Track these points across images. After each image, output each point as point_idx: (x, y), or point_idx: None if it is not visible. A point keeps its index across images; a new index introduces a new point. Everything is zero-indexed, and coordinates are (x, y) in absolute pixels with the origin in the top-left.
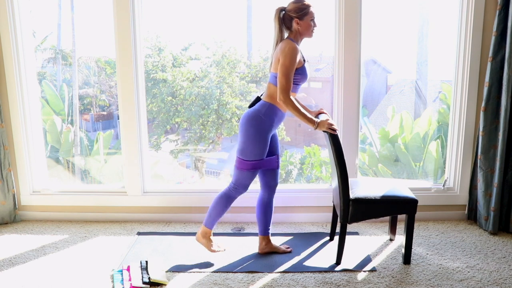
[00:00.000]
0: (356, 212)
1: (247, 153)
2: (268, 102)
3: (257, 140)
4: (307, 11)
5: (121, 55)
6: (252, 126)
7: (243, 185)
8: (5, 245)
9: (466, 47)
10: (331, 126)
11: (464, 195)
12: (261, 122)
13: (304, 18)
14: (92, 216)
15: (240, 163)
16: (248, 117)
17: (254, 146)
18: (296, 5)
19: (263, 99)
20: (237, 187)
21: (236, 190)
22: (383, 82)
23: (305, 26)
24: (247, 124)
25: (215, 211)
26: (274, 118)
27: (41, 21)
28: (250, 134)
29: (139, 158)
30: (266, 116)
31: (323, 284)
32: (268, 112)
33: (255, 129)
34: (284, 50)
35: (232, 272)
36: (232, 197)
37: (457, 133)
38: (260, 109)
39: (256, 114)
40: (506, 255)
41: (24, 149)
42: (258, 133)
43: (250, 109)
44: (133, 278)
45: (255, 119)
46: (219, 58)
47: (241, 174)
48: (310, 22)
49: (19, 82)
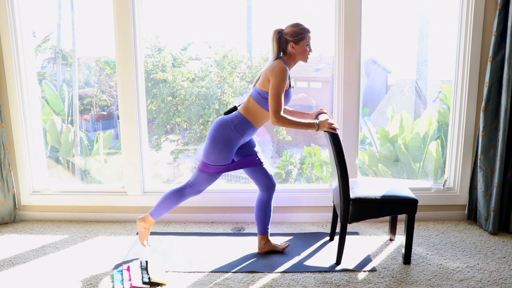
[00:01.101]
0: (356, 212)
1: (210, 158)
2: (242, 115)
3: (222, 148)
4: (304, 36)
5: (121, 55)
6: (221, 133)
7: (198, 188)
8: (5, 245)
9: (466, 47)
10: (331, 125)
11: (464, 195)
12: (230, 133)
13: (300, 43)
14: (92, 216)
15: (203, 165)
16: (219, 124)
17: (218, 152)
18: (294, 29)
19: (239, 110)
20: (191, 187)
21: (190, 190)
22: (383, 82)
23: (300, 51)
24: (217, 130)
25: (164, 204)
26: (245, 132)
27: (41, 21)
28: (217, 141)
29: (139, 158)
30: (237, 128)
31: (323, 284)
32: (240, 125)
33: (223, 137)
34: (274, 70)
35: (232, 272)
36: (185, 195)
37: (457, 133)
38: (233, 119)
39: (228, 123)
40: (506, 255)
41: (24, 149)
42: (224, 142)
43: (224, 117)
44: (133, 278)
45: (225, 128)
46: (220, 58)
47: (199, 176)
48: (306, 47)
49: (19, 82)
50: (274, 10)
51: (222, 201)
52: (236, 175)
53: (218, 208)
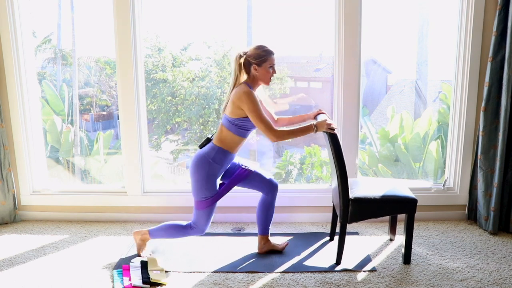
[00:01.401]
0: (355, 212)
1: (200, 195)
2: (218, 146)
3: (207, 183)
4: (266, 58)
5: (121, 55)
6: (202, 170)
7: (201, 228)
8: (5, 245)
9: (466, 47)
10: (330, 126)
11: (464, 195)
12: (210, 167)
13: (263, 65)
14: (92, 216)
15: (196, 204)
16: (198, 161)
17: (204, 188)
18: (256, 51)
19: (213, 142)
20: (195, 228)
21: (194, 231)
22: (383, 82)
23: (262, 73)
24: (197, 167)
25: (166, 231)
26: (224, 161)
27: (41, 21)
28: (200, 178)
29: (139, 158)
30: (215, 160)
31: (323, 284)
32: (217, 156)
33: (205, 173)
34: (241, 97)
35: (232, 272)
36: (188, 234)
37: (457, 133)
38: (210, 152)
39: (205, 158)
40: (506, 255)
41: (24, 149)
42: (207, 177)
43: (200, 152)
44: (133, 278)
45: (205, 164)
46: (220, 58)
47: (198, 214)
48: (269, 69)
49: (19, 82)
50: (274, 10)
51: (222, 201)
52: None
53: (218, 208)
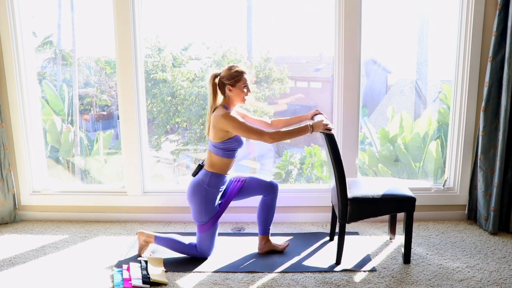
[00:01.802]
0: (354, 212)
1: (201, 218)
2: (210, 171)
3: (206, 207)
4: (239, 78)
5: (121, 55)
6: (199, 196)
7: (205, 252)
8: (5, 245)
9: (466, 47)
10: (326, 126)
11: (464, 195)
12: (206, 192)
13: (237, 85)
14: (92, 216)
15: (199, 227)
16: (193, 189)
17: (204, 212)
18: (229, 72)
19: (205, 168)
20: (199, 251)
21: (198, 253)
22: (383, 82)
23: (237, 93)
24: (194, 194)
25: (170, 243)
26: (219, 184)
27: (41, 21)
28: (198, 203)
29: (139, 158)
30: (210, 185)
31: (323, 284)
32: (212, 181)
33: (202, 199)
34: (220, 121)
35: (232, 272)
36: (192, 253)
37: (457, 133)
38: (204, 179)
39: (200, 185)
40: (506, 255)
41: (24, 149)
42: (205, 202)
43: (194, 179)
44: (133, 278)
45: (200, 190)
46: (219, 58)
47: (201, 237)
48: (243, 89)
49: (19, 82)
50: (274, 10)
51: None
52: None
53: None
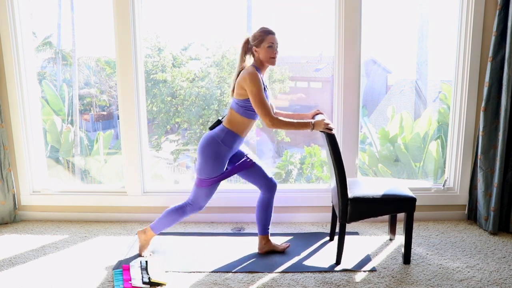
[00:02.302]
0: (354, 212)
1: (204, 173)
2: (227, 128)
3: (214, 162)
4: (263, 38)
5: (121, 55)
6: (210, 150)
7: (200, 205)
8: (5, 245)
9: (466, 47)
10: (327, 125)
11: (464, 195)
12: (218, 147)
13: (261, 45)
14: (92, 216)
15: (199, 181)
16: (206, 141)
17: (210, 167)
18: (255, 33)
19: (223, 124)
20: (193, 205)
21: (191, 208)
22: (383, 82)
23: (262, 53)
24: (205, 147)
25: (165, 220)
26: (233, 144)
27: (41, 21)
28: (207, 157)
29: (139, 158)
30: (224, 142)
31: (323, 284)
32: (226, 138)
33: (213, 153)
34: (245, 78)
35: (232, 272)
36: (186, 213)
37: (457, 133)
38: (219, 134)
39: (214, 139)
40: (506, 255)
41: (24, 149)
42: (215, 157)
43: (210, 133)
44: (133, 278)
45: (213, 144)
46: (219, 58)
47: (199, 192)
48: (268, 49)
49: (19, 82)
50: (274, 10)
51: (222, 201)
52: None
53: (218, 208)
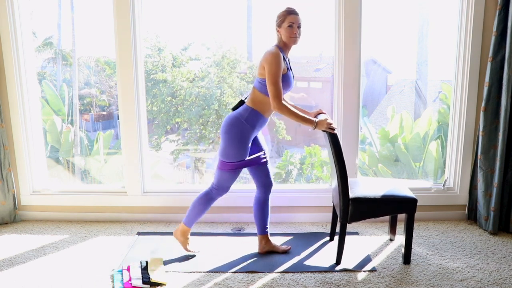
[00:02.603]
0: (355, 212)
1: (228, 155)
2: (251, 107)
3: (238, 143)
4: (284, 18)
5: (121, 55)
6: (233, 130)
7: (225, 187)
8: (5, 245)
9: (466, 47)
10: (330, 125)
11: (464, 195)
12: (242, 127)
13: (282, 25)
14: (92, 216)
15: (222, 164)
16: (230, 121)
17: (235, 149)
18: (278, 14)
19: (246, 103)
20: (218, 188)
21: (217, 192)
22: (383, 82)
23: (284, 33)
24: (228, 127)
25: (194, 210)
26: (256, 123)
27: (41, 21)
28: (231, 138)
29: (139, 158)
30: (248, 121)
31: (323, 284)
32: (250, 117)
33: (236, 133)
34: (267, 58)
35: (232, 272)
36: (213, 198)
37: (457, 133)
38: (243, 113)
39: (238, 118)
40: (506, 255)
41: (24, 149)
42: (239, 137)
43: (233, 113)
44: (133, 278)
45: (237, 124)
46: (219, 58)
47: (222, 175)
48: (288, 28)
49: (19, 82)
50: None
51: (222, 201)
52: None
53: (218, 208)
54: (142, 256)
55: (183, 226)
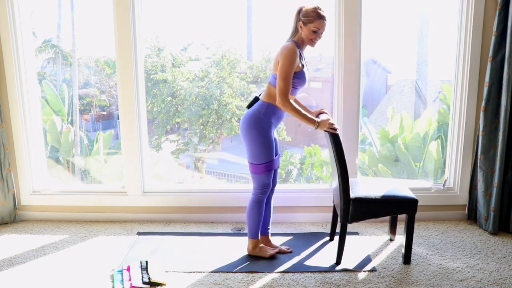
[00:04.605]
0: (356, 212)
1: (257, 157)
2: (267, 102)
3: (262, 141)
4: (313, 20)
5: (121, 55)
6: (254, 128)
7: (266, 185)
8: (5, 245)
9: (466, 47)
10: (332, 125)
11: (464, 195)
12: (261, 123)
13: (308, 25)
14: (92, 216)
15: (254, 167)
16: (248, 119)
17: (260, 148)
18: (308, 9)
19: (261, 99)
20: (261, 189)
21: (262, 192)
22: (383, 82)
23: (305, 33)
24: (248, 124)
25: (251, 220)
26: (274, 117)
27: (41, 21)
28: (254, 137)
29: (139, 158)
30: (266, 116)
31: (323, 284)
32: (268, 112)
33: (257, 130)
34: (283, 52)
35: (232, 272)
36: (261, 201)
37: (457, 133)
38: (260, 109)
39: (256, 114)
40: (506, 255)
41: (24, 149)
42: (261, 134)
43: (249, 110)
44: (133, 278)
45: (256, 120)
46: (219, 58)
47: (259, 178)
48: (312, 32)
49: (19, 82)
50: (274, 10)
51: (222, 201)
52: (236, 175)
53: (218, 208)
54: (142, 256)
55: (252, 241)
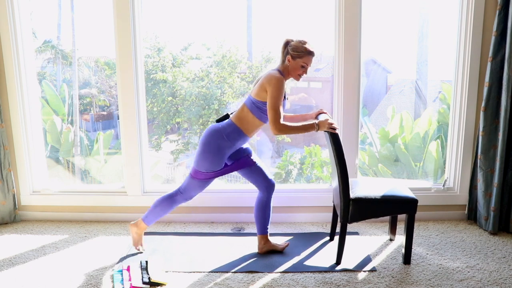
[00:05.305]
0: (356, 212)
1: (201, 165)
2: (235, 124)
3: (213, 156)
4: (302, 55)
5: (121, 55)
6: (212, 142)
7: (189, 194)
8: (5, 245)
9: (466, 47)
10: (331, 125)
11: (464, 195)
12: (221, 141)
13: (296, 59)
14: (92, 216)
15: (194, 171)
16: (211, 133)
17: (209, 160)
18: (298, 44)
19: (231, 118)
20: (183, 194)
21: (181, 196)
22: (383, 82)
23: (293, 67)
24: (208, 138)
25: (156, 210)
26: (237, 141)
27: (41, 21)
28: (208, 150)
29: (139, 158)
30: (229, 137)
31: (323, 284)
32: (232, 134)
33: (214, 146)
34: (271, 81)
35: (232, 272)
36: (175, 201)
37: (457, 133)
38: (225, 128)
39: (220, 132)
40: (506, 255)
41: (24, 149)
42: (216, 150)
43: (216, 125)
44: (133, 278)
45: (217, 137)
46: (220, 58)
47: (191, 182)
48: (300, 67)
49: (19, 82)
50: (274, 10)
51: (222, 201)
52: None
53: (218, 208)
54: (142, 256)
55: (141, 222)
